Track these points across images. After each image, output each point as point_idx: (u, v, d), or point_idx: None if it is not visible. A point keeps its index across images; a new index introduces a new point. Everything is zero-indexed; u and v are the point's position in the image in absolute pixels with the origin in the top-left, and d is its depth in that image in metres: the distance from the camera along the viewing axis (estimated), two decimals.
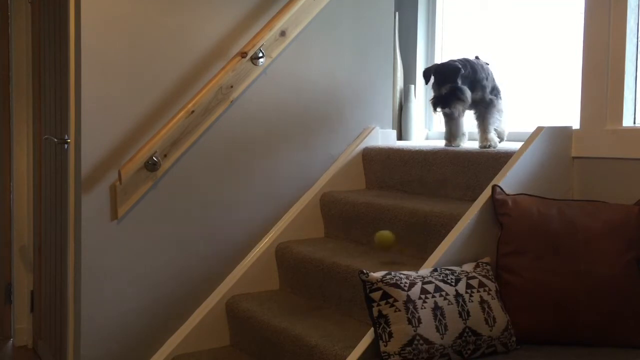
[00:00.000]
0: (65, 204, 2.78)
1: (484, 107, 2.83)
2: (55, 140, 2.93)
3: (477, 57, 2.97)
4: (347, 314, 2.53)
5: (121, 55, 2.59)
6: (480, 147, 2.78)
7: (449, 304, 1.91)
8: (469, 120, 2.99)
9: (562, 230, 2.07)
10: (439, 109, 2.82)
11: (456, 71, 2.73)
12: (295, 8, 2.84)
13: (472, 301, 1.94)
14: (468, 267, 2.08)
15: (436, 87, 2.81)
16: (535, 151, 2.35)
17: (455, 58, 2.86)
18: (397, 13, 3.69)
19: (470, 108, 2.86)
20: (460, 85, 2.74)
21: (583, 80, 2.42)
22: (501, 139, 2.91)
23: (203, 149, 2.77)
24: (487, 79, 2.84)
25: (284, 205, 2.99)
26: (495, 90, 2.88)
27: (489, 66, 2.93)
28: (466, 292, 1.95)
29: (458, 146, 2.91)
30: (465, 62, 2.81)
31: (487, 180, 2.48)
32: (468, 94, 2.75)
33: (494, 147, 2.74)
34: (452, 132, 2.95)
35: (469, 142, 3.06)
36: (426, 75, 2.87)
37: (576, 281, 2.01)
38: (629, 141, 2.28)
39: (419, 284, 1.92)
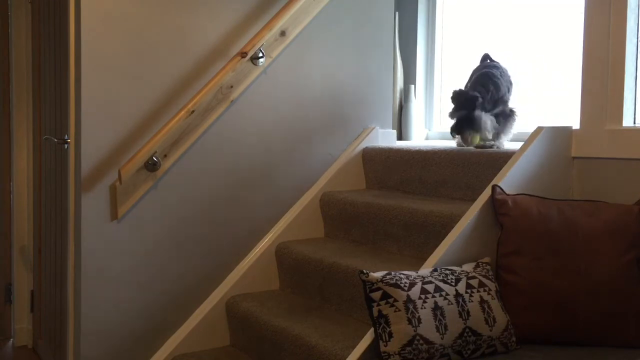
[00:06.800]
0: (65, 204, 2.78)
1: (503, 119, 2.81)
2: (55, 140, 2.93)
3: (490, 59, 2.94)
4: (347, 314, 2.53)
5: (121, 55, 2.59)
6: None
7: (449, 304, 1.91)
8: None
9: (562, 230, 2.07)
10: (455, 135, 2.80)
11: (473, 99, 2.71)
12: (295, 8, 2.83)
13: (472, 301, 1.94)
14: (468, 267, 2.08)
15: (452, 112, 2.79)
16: (535, 151, 2.35)
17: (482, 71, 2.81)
18: (397, 13, 3.69)
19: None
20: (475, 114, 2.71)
21: (583, 80, 2.42)
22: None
23: (203, 149, 2.77)
24: (508, 90, 2.81)
25: (284, 205, 2.99)
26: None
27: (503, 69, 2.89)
28: (466, 292, 1.95)
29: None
30: (488, 81, 2.75)
31: (487, 180, 2.48)
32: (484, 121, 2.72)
33: (497, 148, 2.75)
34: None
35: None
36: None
37: (576, 281, 2.01)
38: (629, 141, 2.28)
39: (419, 284, 1.92)
